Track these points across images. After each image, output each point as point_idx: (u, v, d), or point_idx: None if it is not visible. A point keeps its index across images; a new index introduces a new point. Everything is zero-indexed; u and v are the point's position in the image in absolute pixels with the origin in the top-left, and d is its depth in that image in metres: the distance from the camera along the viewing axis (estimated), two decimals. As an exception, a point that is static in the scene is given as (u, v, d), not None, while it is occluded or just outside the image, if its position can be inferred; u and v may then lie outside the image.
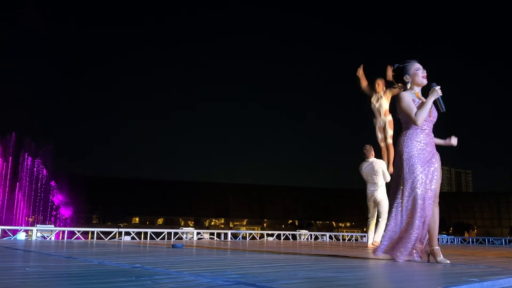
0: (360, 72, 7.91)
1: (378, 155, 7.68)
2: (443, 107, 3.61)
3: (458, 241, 16.49)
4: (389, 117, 7.65)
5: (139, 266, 2.82)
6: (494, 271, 3.01)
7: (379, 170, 7.11)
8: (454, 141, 3.93)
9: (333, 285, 2.08)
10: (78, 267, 2.81)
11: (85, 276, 2.27)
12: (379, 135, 7.78)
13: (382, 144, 7.76)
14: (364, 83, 7.90)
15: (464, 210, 72.27)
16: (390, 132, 7.59)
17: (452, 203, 72.16)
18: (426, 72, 3.74)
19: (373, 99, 7.78)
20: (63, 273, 2.42)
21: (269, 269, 2.89)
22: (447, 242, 15.38)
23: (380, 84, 7.77)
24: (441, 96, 3.60)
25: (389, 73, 7.79)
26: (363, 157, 7.44)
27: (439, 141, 3.85)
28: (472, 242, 14.74)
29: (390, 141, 7.58)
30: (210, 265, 3.08)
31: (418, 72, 3.70)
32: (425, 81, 3.71)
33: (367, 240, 7.38)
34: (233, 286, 1.89)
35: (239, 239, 12.70)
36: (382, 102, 7.67)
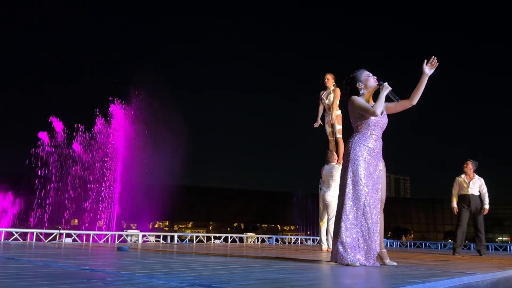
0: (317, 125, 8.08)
1: (327, 148, 7.89)
2: (396, 97, 3.83)
3: (397, 244, 17.16)
4: (338, 112, 7.79)
5: (87, 268, 2.75)
6: (434, 273, 3.19)
7: (337, 175, 7.14)
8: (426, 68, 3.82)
9: (287, 285, 2.14)
10: (24, 269, 2.70)
11: (34, 278, 2.19)
12: (328, 129, 7.95)
13: (331, 138, 7.95)
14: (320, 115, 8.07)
15: (402, 215, 75.27)
16: (338, 126, 7.74)
17: (391, 208, 74.93)
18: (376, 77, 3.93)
19: (324, 95, 7.93)
20: (9, 275, 2.32)
21: (222, 270, 2.90)
22: (386, 245, 15.96)
23: (330, 79, 7.90)
24: (391, 90, 3.79)
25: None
26: (325, 161, 7.63)
27: (420, 85, 3.84)
28: (410, 246, 15.40)
29: (339, 135, 7.75)
30: (162, 268, 3.06)
31: (369, 78, 3.88)
32: (376, 84, 3.86)
33: (321, 243, 7.49)
34: (189, 288, 1.90)
35: (186, 241, 12.57)
36: (331, 97, 7.82)
